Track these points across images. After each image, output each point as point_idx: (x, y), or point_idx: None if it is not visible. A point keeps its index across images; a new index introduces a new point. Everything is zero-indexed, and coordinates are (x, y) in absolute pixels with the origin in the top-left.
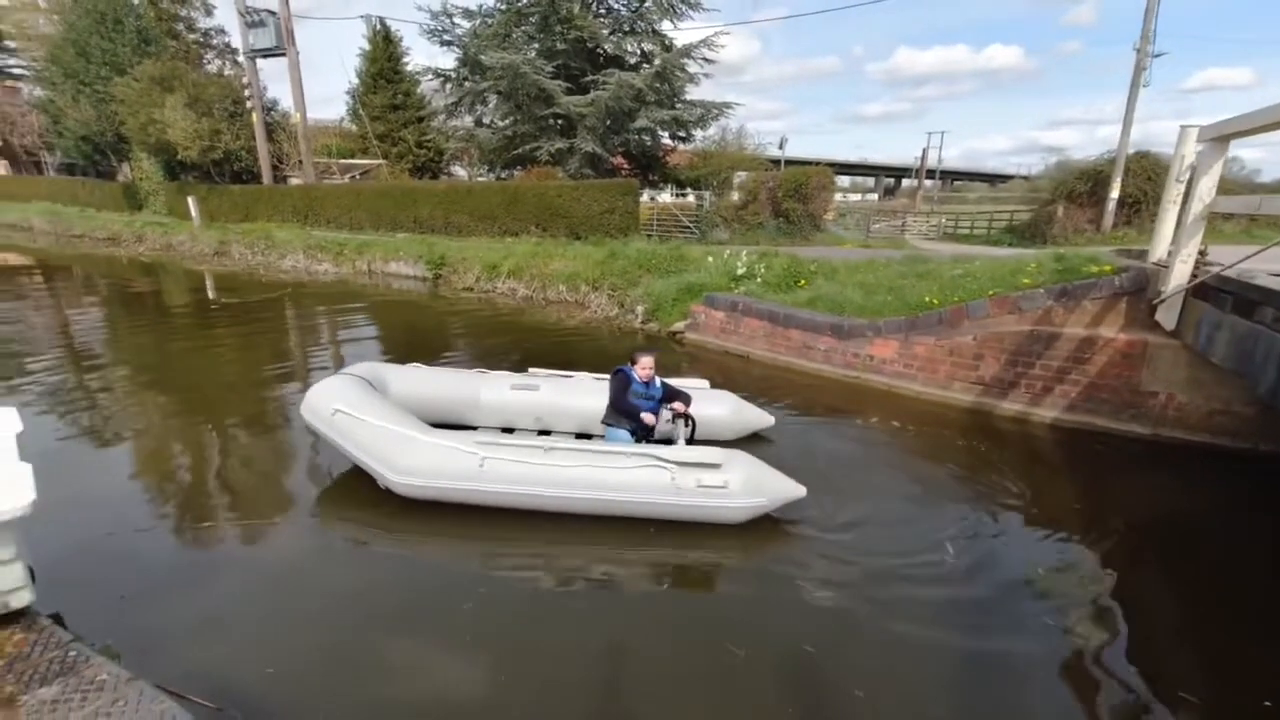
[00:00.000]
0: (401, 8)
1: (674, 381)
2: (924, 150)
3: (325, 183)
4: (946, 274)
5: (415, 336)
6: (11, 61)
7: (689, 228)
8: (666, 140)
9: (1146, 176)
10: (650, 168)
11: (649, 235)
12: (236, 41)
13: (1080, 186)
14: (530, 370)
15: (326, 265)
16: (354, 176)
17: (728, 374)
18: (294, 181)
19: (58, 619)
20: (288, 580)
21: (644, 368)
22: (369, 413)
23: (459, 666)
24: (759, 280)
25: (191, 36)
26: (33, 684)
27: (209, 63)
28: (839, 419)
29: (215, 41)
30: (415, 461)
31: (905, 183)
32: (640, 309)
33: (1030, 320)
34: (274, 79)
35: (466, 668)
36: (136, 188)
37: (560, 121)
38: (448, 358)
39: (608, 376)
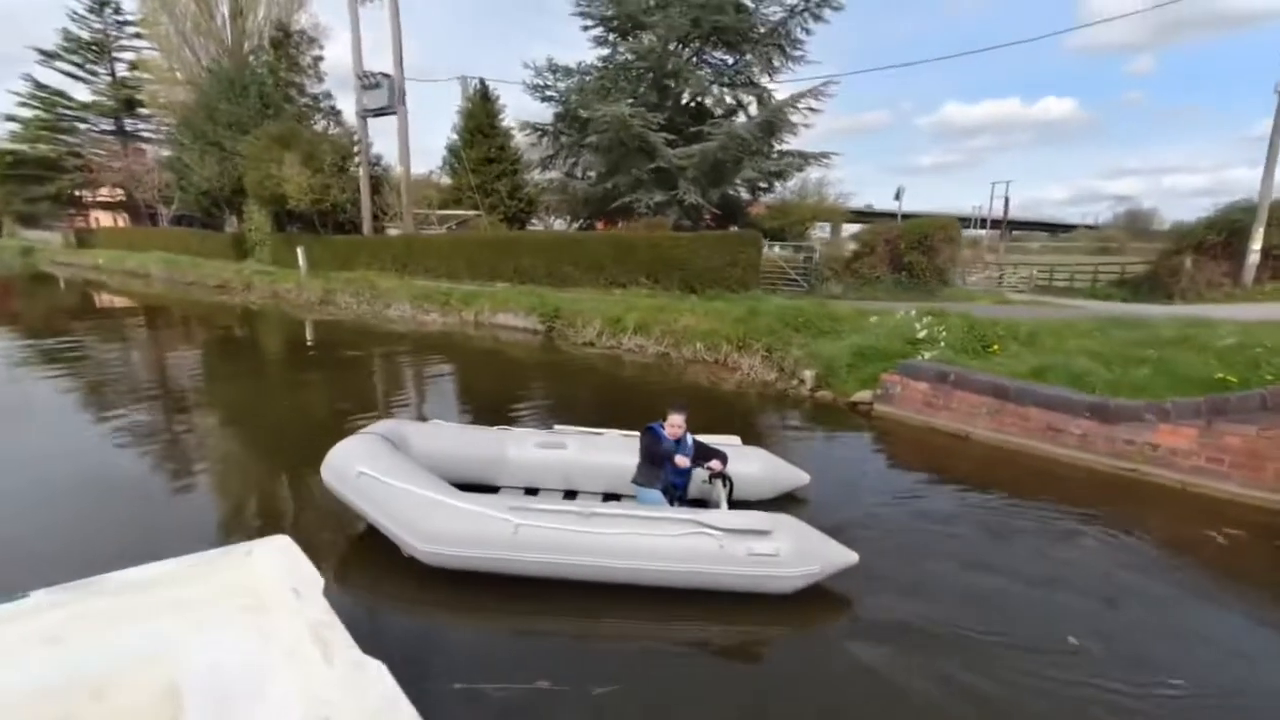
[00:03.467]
0: (487, 69)
1: (703, 438)
2: (1004, 200)
3: (424, 233)
4: (1214, 343)
5: (557, 396)
6: (142, 127)
7: (795, 280)
8: (745, 194)
9: None
10: (734, 219)
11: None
12: (340, 104)
13: (1212, 237)
14: (556, 427)
15: (434, 315)
16: (450, 227)
17: (941, 456)
18: (392, 231)
19: None
20: None
21: (673, 425)
22: (394, 475)
23: None
24: (942, 345)
25: (303, 100)
26: None
27: (316, 123)
28: (1120, 523)
29: (323, 105)
30: (443, 528)
31: (965, 233)
32: (809, 374)
33: None
34: (377, 134)
35: None
36: (245, 238)
37: (655, 174)
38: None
39: (637, 434)
